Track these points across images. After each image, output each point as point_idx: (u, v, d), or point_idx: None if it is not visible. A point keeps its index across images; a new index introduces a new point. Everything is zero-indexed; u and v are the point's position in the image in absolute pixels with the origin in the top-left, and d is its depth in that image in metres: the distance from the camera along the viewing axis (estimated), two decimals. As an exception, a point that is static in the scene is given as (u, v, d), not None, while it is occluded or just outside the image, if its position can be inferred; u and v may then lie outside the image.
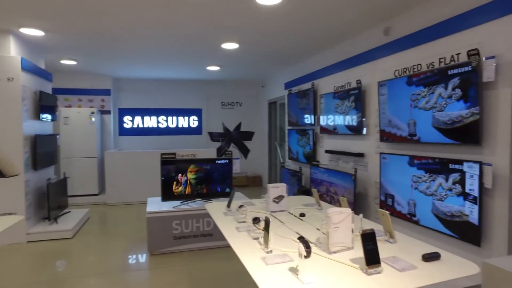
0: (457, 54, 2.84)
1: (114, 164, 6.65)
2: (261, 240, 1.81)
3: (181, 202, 4.21)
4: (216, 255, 3.94)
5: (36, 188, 4.65)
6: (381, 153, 3.64)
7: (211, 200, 4.17)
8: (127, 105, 8.01)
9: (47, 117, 5.00)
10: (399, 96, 3.39)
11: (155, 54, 5.35)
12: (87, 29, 4.00)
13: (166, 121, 8.28)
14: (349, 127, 4.34)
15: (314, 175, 4.89)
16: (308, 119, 5.50)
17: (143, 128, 8.14)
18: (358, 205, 4.04)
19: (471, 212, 2.63)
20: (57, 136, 6.16)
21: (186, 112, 8.39)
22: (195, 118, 8.46)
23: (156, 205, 4.17)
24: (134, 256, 3.94)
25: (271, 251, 1.70)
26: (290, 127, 6.42)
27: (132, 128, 8.07)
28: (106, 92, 7.42)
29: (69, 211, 5.35)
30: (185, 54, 5.37)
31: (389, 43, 3.66)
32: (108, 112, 7.46)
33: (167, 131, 8.29)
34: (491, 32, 2.57)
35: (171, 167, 4.18)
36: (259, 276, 1.43)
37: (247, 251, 1.73)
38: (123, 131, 8.02)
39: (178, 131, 8.36)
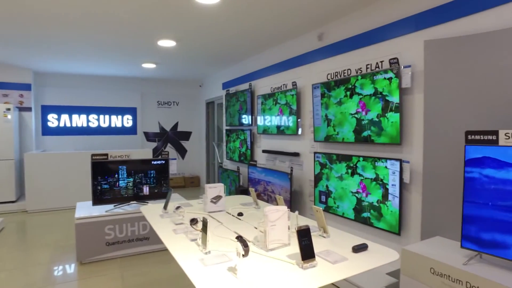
0: (381, 62, 3.11)
1: (36, 167, 6.02)
2: (199, 241, 1.79)
3: (114, 205, 3.98)
4: (152, 260, 3.80)
5: None
6: (315, 153, 3.83)
7: (146, 203, 4.01)
8: (52, 102, 7.31)
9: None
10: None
11: (83, 47, 4.96)
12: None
13: (98, 120, 7.74)
14: (285, 127, 4.49)
15: (251, 174, 4.97)
16: (246, 119, 5.57)
17: (71, 127, 7.51)
18: (294, 203, 4.20)
19: (393, 205, 2.89)
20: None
21: (120, 111, 7.94)
22: (130, 117, 8.05)
23: (86, 210, 3.88)
24: (60, 267, 3.61)
25: (209, 252, 1.69)
26: (227, 127, 6.44)
27: (58, 127, 7.39)
28: (26, 87, 6.67)
29: (-20, 221, 4.73)
30: (118, 49, 5.07)
31: (323, 47, 3.87)
32: (29, 109, 6.73)
33: (99, 130, 7.76)
34: (407, 44, 2.86)
35: (103, 168, 3.92)
36: (197, 278, 1.42)
37: (185, 253, 1.70)
38: (47, 131, 7.31)
39: (111, 130, 7.88)
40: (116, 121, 7.92)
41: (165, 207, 2.62)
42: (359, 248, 1.72)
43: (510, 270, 1.82)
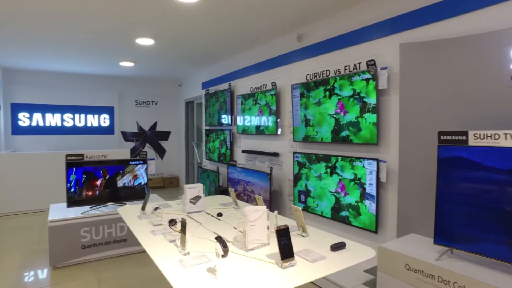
0: (359, 63, 3.18)
1: (5, 168, 5.78)
2: (178, 242, 1.77)
3: (91, 207, 3.87)
4: (130, 262, 3.72)
5: None
6: (294, 152, 3.86)
7: (124, 204, 3.93)
8: (23, 100, 7.02)
9: None
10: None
11: (57, 43, 4.80)
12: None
13: (73, 119, 7.50)
14: (264, 128, 4.51)
15: (231, 174, 4.95)
16: (225, 119, 5.56)
17: (44, 126, 7.24)
18: (274, 203, 4.22)
19: (370, 204, 2.96)
20: None
21: (96, 110, 7.73)
22: (107, 116, 7.85)
23: (60, 212, 3.75)
24: (32, 273, 3.47)
25: (188, 253, 1.67)
26: (207, 127, 6.40)
27: (30, 126, 7.11)
28: (-6, 85, 6.40)
29: None
30: (94, 46, 4.93)
31: (302, 48, 3.91)
32: (-3, 107, 6.45)
33: (74, 130, 7.52)
34: (384, 46, 2.94)
35: (78, 169, 3.81)
36: (176, 279, 1.40)
37: (163, 255, 1.67)
38: (18, 130, 7.02)
39: (87, 130, 7.65)
40: (93, 120, 7.71)
41: (143, 208, 2.57)
42: (338, 247, 1.75)
43: (478, 264, 1.90)
